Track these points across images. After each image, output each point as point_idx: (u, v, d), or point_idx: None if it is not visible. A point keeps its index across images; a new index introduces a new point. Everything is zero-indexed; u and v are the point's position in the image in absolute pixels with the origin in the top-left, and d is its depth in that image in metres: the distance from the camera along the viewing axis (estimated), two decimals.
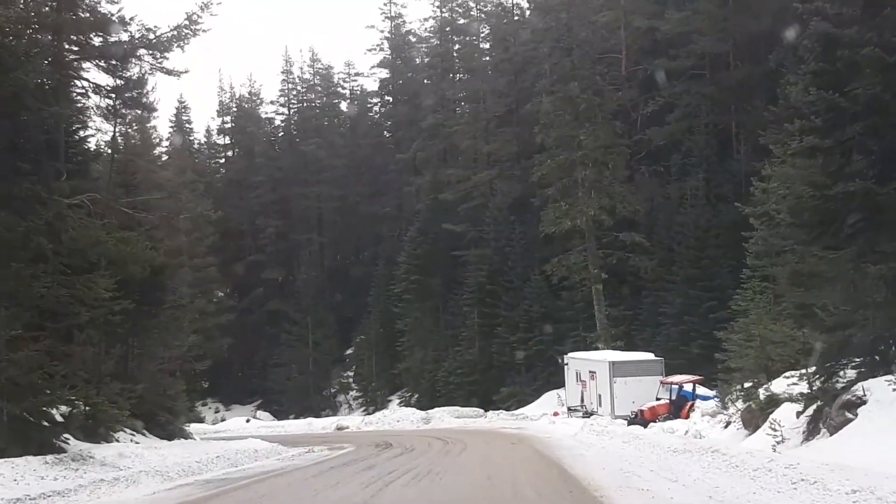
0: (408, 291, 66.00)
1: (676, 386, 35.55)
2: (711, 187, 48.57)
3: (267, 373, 79.24)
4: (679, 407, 35.27)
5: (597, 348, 46.37)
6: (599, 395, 38.54)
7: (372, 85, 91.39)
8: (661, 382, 36.20)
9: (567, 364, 42.33)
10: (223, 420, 76.31)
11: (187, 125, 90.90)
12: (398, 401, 69.00)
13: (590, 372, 39.45)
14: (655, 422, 34.33)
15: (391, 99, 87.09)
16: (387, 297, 71.81)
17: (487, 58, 71.18)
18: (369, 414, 63.57)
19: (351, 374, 79.74)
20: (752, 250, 32.27)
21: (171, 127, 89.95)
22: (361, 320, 76.24)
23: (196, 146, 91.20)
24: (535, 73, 63.69)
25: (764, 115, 40.08)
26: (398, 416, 53.12)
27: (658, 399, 35.94)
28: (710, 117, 52.28)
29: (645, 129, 54.24)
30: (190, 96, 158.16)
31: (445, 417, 51.58)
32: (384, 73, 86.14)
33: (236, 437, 42.08)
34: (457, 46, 73.27)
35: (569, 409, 41.98)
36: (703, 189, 47.52)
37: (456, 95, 72.53)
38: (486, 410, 53.26)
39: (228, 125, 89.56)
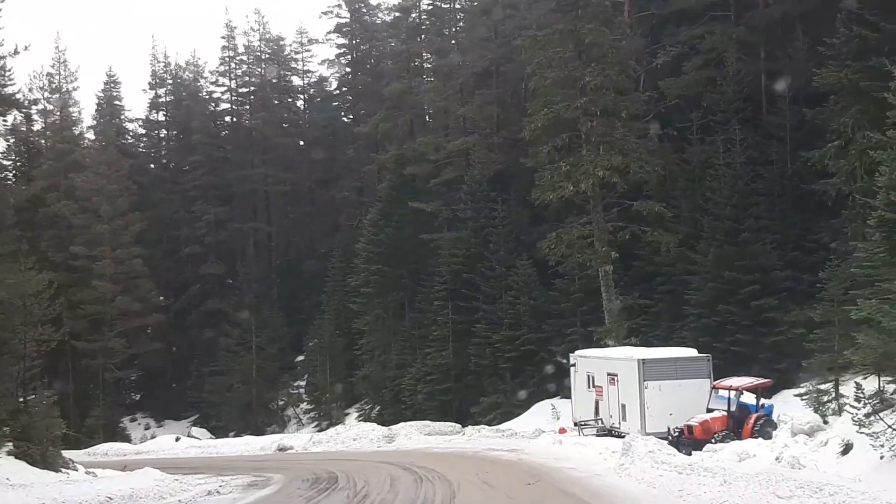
0: (367, 284, 56.21)
1: (735, 392, 26.02)
2: (745, 146, 39.22)
3: (204, 383, 68.89)
4: (740, 421, 25.95)
5: (606, 346, 36.86)
6: (623, 406, 28.95)
7: (328, 52, 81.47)
8: (714, 387, 26.73)
9: (574, 365, 32.74)
10: (153, 437, 65.30)
11: (116, 102, 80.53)
12: (356, 414, 59.39)
13: (608, 375, 29.84)
14: (711, 442, 24.84)
15: (349, 69, 76.98)
16: (343, 292, 61.98)
17: (461, 10, 61.38)
18: (322, 430, 53.76)
19: (303, 384, 69.62)
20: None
21: (99, 103, 79.63)
22: (315, 322, 66.14)
23: (126, 123, 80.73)
24: (519, 23, 54.24)
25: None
26: (355, 434, 43.31)
27: (710, 410, 26.45)
28: (739, 65, 42.90)
29: (656, 84, 44.77)
30: (125, 68, 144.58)
31: (413, 435, 42.02)
32: (342, 40, 76.11)
33: (156, 461, 32.15)
34: (425, 2, 63.43)
35: (577, 424, 32.32)
36: (739, 148, 38.15)
37: (424, 56, 62.69)
38: (463, 425, 43.77)
39: (163, 99, 79.01)
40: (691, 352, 29.14)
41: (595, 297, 44.23)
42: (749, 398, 26.62)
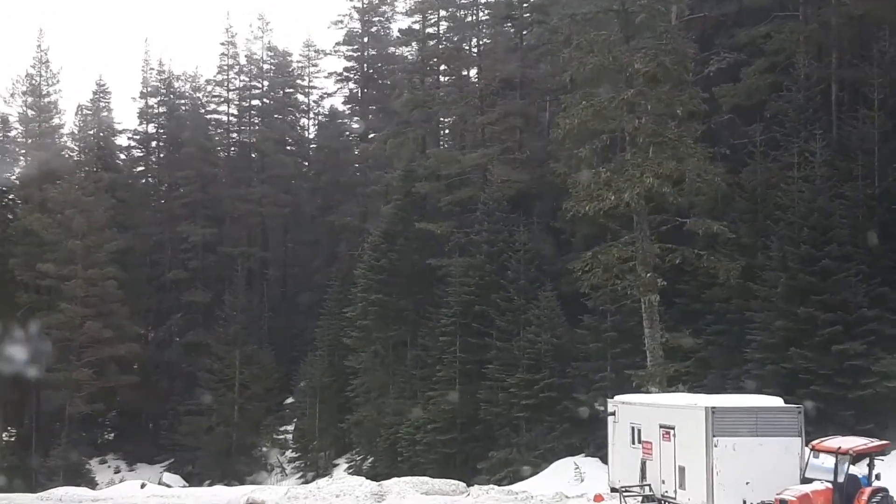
0: (365, 316, 49.45)
1: (844, 457, 19.19)
2: (823, 161, 32.65)
3: (181, 423, 62.04)
4: (849, 497, 18.97)
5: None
6: (681, 469, 22.04)
7: (336, 65, 75.61)
8: (814, 449, 19.84)
9: (614, 414, 25.87)
10: (122, 482, 58.14)
11: (105, 112, 74.67)
12: (346, 466, 52.51)
13: (661, 427, 22.98)
14: None
15: (358, 84, 70.91)
16: (339, 326, 55.20)
17: (483, 15, 55.26)
18: (307, 482, 46.97)
19: (291, 428, 62.67)
20: None
21: (86, 113, 73.80)
22: (306, 359, 59.39)
23: (115, 137, 74.73)
24: (549, 28, 48.08)
25: None
26: (338, 490, 36.42)
27: (807, 481, 19.61)
28: (809, 68, 36.52)
29: (705, 96, 38.19)
30: (118, 76, 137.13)
31: (408, 493, 35.29)
32: (351, 52, 70.06)
33: None
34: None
35: (617, 490, 25.28)
36: (819, 157, 31.63)
37: (441, 67, 56.46)
38: (468, 484, 36.98)
39: (154, 110, 73.01)
40: (776, 401, 22.22)
41: (630, 337, 37.72)
42: (857, 467, 19.77)
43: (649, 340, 32.07)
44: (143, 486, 51.88)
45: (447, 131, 56.41)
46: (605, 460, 37.46)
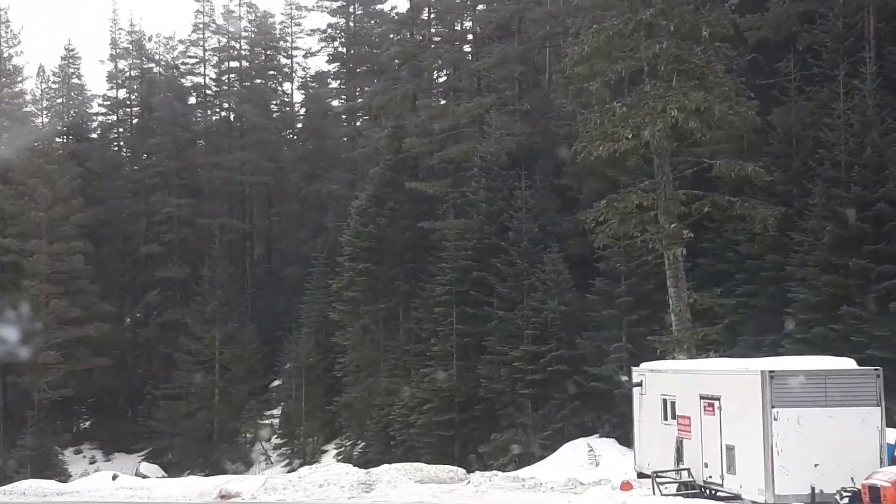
0: (352, 287, 45.34)
1: None
2: (873, 89, 28.55)
3: (158, 409, 57.99)
4: None
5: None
6: (729, 449, 18.02)
7: (319, 21, 71.14)
8: None
9: (640, 385, 21.78)
10: (97, 472, 53.94)
11: (75, 79, 70.24)
12: (335, 452, 48.54)
13: (703, 399, 18.90)
14: None
15: (344, 41, 66.48)
16: (325, 301, 51.11)
17: None
18: (293, 470, 42.99)
19: (278, 412, 58.60)
20: None
21: (52, 79, 69.41)
22: (291, 338, 55.32)
23: (80, 99, 70.25)
24: None
25: None
26: (322, 478, 32.62)
27: None
28: None
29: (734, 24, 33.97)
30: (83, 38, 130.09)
31: (400, 481, 31.60)
32: (335, 7, 65.58)
33: None
34: None
35: (646, 475, 21.17)
36: (870, 85, 27.51)
37: (431, 16, 52.04)
38: (468, 471, 33.24)
39: (126, 73, 68.54)
40: (847, 363, 18.13)
41: (648, 303, 34.07)
42: None
43: (675, 301, 27.99)
44: (114, 477, 47.69)
45: (440, 87, 51.92)
46: (622, 441, 33.64)
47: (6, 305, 54.70)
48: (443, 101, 50.77)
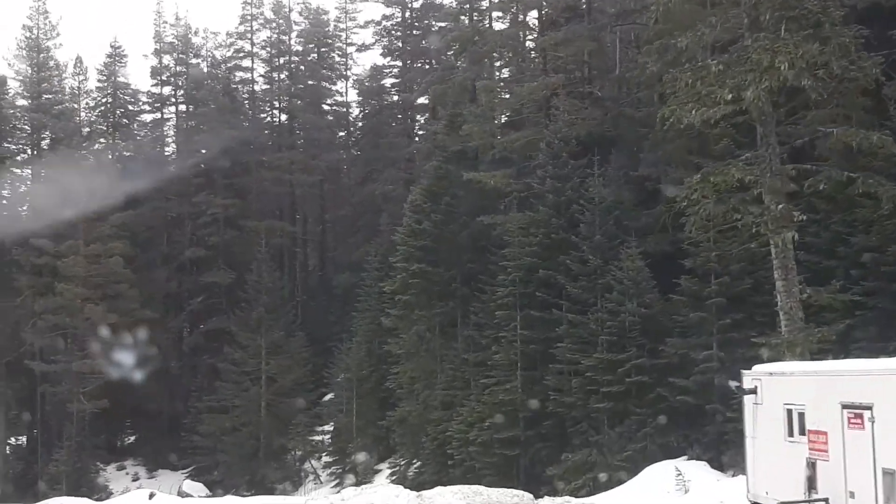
0: (406, 289, 41.56)
1: None
2: None
3: (202, 423, 54.76)
4: None
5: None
6: (891, 474, 13.54)
7: (374, 12, 67.57)
8: None
9: (755, 392, 17.43)
10: (138, 489, 50.68)
11: (122, 77, 67.79)
12: (389, 472, 44.56)
13: (845, 408, 14.56)
14: None
15: (399, 32, 62.91)
16: (378, 305, 47.45)
17: None
18: (335, 492, 39.26)
19: (330, 428, 54.83)
20: None
21: (101, 78, 67.15)
22: (341, 347, 51.71)
23: (129, 103, 67.81)
24: None
25: None
26: (367, 502, 28.62)
27: None
28: None
29: None
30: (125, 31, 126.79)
31: None
32: None
33: None
34: None
35: None
36: None
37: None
38: (536, 495, 29.21)
39: (172, 68, 65.80)
40: None
41: (742, 305, 29.82)
42: None
43: (784, 297, 23.57)
44: (151, 496, 44.46)
45: (501, 79, 47.92)
46: (714, 464, 29.36)
47: (41, 311, 52.25)
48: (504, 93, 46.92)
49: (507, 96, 40.92)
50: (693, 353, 30.42)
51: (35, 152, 58.12)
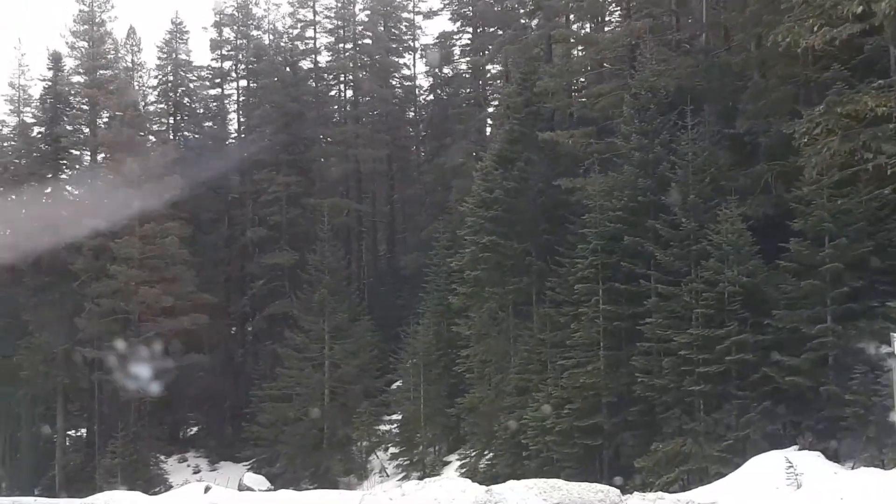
0: (475, 264, 38.14)
1: None
2: None
3: (263, 412, 52.19)
4: None
5: None
6: None
7: None
8: None
9: None
10: (199, 482, 48.26)
11: (182, 55, 65.58)
12: (458, 463, 41.31)
13: None
14: None
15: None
16: (447, 283, 44.24)
17: None
18: (398, 485, 36.05)
19: (398, 417, 51.72)
20: None
21: (161, 57, 65.18)
22: (408, 331, 48.55)
23: (190, 80, 65.55)
24: None
25: None
26: (431, 497, 25.56)
27: None
28: None
29: None
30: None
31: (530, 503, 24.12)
32: None
33: None
34: None
35: None
36: None
37: None
38: (623, 490, 25.76)
39: (233, 41, 63.28)
40: None
41: (861, 270, 25.73)
42: None
43: None
44: (206, 489, 41.89)
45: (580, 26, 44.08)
46: (830, 454, 25.38)
47: (95, 295, 50.14)
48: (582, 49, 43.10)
49: (585, 52, 36.99)
50: (804, 328, 26.54)
51: (91, 131, 55.89)
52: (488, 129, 56.93)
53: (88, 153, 55.86)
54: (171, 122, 64.52)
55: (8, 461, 60.70)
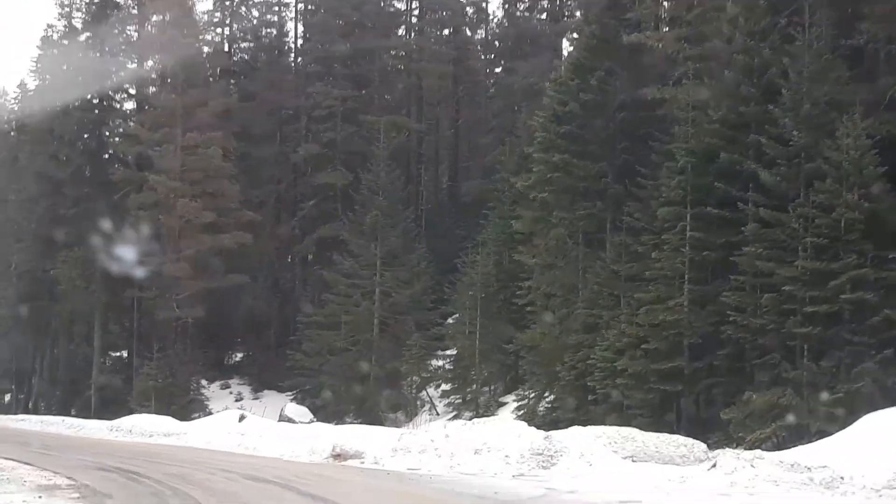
0: (543, 186, 34.08)
1: None
2: None
3: (309, 340, 49.15)
4: None
5: None
6: None
7: None
8: None
9: None
10: (239, 409, 45.72)
11: None
12: (516, 405, 37.70)
13: None
14: None
15: None
16: (511, 209, 40.29)
17: None
18: (444, 425, 32.54)
19: (452, 353, 48.26)
20: None
21: None
22: (467, 260, 44.83)
23: None
24: None
25: None
26: (481, 441, 22.28)
27: None
28: None
29: None
30: None
31: (598, 455, 21.19)
32: None
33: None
34: None
35: None
36: None
37: None
38: (709, 446, 21.68)
39: None
40: None
41: None
42: None
43: None
44: (241, 418, 39.32)
45: None
46: None
47: (134, 207, 47.18)
48: None
49: None
50: None
51: (140, 35, 52.48)
52: (564, 50, 52.81)
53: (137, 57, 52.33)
54: (227, 32, 60.89)
55: (46, 380, 58.95)
